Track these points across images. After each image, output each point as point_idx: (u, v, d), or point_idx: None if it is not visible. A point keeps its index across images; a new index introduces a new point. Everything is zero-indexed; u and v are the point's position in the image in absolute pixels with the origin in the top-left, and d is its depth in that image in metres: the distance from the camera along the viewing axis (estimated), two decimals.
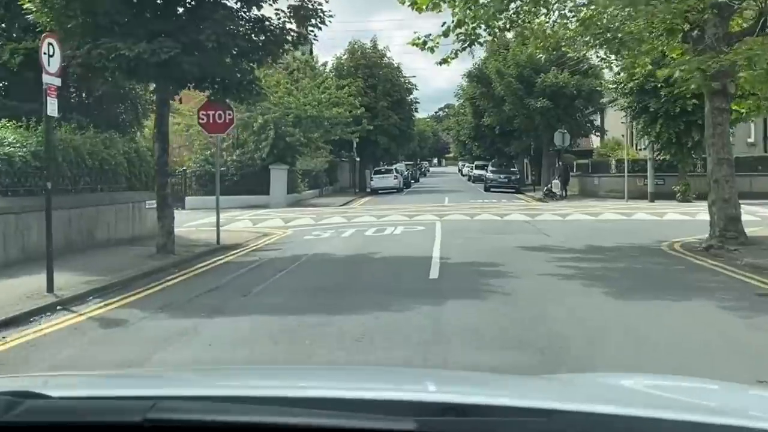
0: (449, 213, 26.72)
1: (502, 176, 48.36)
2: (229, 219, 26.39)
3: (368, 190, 51.53)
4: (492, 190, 48.11)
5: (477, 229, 20.97)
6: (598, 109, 41.91)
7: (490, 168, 50.37)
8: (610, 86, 34.97)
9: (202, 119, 18.63)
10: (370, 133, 49.96)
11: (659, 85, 31.09)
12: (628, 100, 33.16)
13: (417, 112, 55.53)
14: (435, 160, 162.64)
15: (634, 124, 34.15)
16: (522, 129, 41.50)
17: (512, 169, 49.96)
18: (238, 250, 17.21)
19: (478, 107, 52.11)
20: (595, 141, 51.23)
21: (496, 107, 43.07)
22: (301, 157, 43.69)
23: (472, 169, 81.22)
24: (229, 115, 18.61)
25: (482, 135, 59.54)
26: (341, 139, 46.71)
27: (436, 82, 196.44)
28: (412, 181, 67.37)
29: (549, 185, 39.71)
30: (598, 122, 42.80)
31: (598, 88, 39.36)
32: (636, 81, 31.77)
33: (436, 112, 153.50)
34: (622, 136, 42.34)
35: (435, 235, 18.79)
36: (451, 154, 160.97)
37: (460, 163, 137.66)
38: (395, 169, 53.74)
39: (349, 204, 38.78)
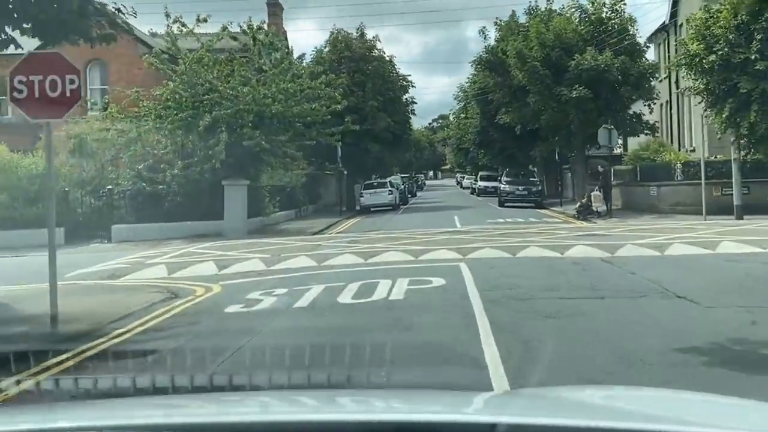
0: (473, 245, 17.66)
1: (520, 188, 39.45)
2: (139, 262, 17.45)
3: (358, 208, 42.61)
4: (508, 204, 39.25)
5: (539, 282, 11.87)
6: (650, 99, 32.90)
7: (504, 178, 41.41)
8: (676, 64, 26.08)
9: (18, 91, 9.66)
10: (359, 138, 41.05)
11: (754, 57, 22.22)
12: (704, 81, 24.32)
13: (414, 114, 46.74)
14: (431, 173, 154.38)
15: (709, 113, 25.22)
16: (550, 127, 32.39)
17: (532, 179, 41.03)
18: (67, 355, 8.17)
19: (488, 105, 43.32)
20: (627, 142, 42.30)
21: (516, 101, 34.13)
22: (269, 170, 34.81)
23: (475, 180, 72.41)
24: (72, 82, 9.66)
25: (490, 141, 50.74)
26: (323, 147, 37.77)
27: (428, 94, 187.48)
28: (409, 196, 58.44)
29: (584, 199, 30.82)
30: (647, 116, 33.72)
31: (650, 73, 30.49)
32: (719, 52, 22.96)
33: (429, 123, 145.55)
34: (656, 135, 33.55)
35: (471, 304, 9.91)
36: (447, 166, 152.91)
37: (458, 175, 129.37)
38: (389, 182, 44.77)
39: (331, 229, 29.85)
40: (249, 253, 18.25)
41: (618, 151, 44.89)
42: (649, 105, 33.41)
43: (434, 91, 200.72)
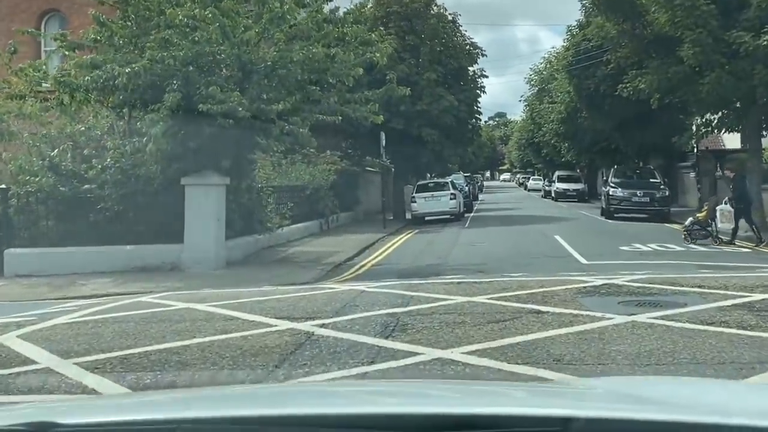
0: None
1: (639, 193, 27.93)
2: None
3: (408, 217, 31.62)
4: (619, 216, 27.84)
5: None
6: None
7: (613, 180, 29.89)
8: None
9: None
10: (410, 123, 30.02)
11: None
12: None
13: (484, 93, 35.44)
14: (487, 173, 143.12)
15: None
16: (713, 98, 20.49)
17: (653, 180, 29.38)
18: None
19: (589, 78, 31.98)
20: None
21: (654, 58, 22.41)
22: (279, 162, 23.99)
23: (549, 182, 60.89)
24: None
25: (578, 131, 39.27)
26: (362, 133, 26.87)
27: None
28: (474, 201, 47.24)
29: (703, 212, 19.79)
30: None
31: None
32: None
33: (485, 122, 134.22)
34: None
35: None
36: (506, 166, 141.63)
37: (518, 176, 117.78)
38: (451, 182, 33.53)
39: (365, 256, 18.90)
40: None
41: (693, 143, 33.20)
42: None
43: (487, 87, 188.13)
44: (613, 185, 29.15)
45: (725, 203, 19.87)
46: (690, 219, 19.88)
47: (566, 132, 42.11)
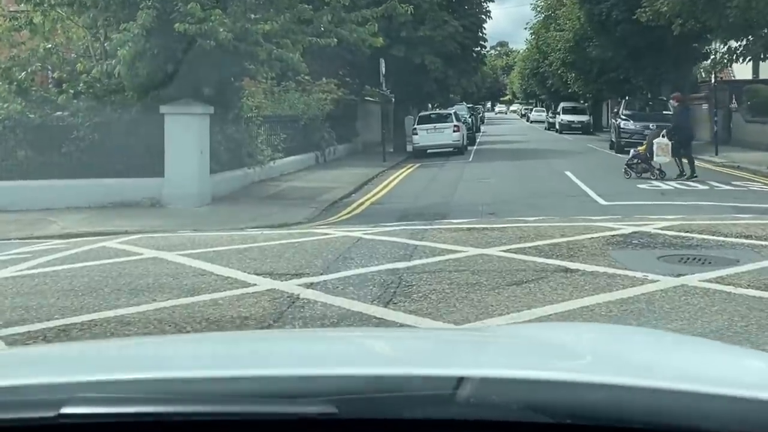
0: None
1: (651, 126, 26.21)
2: None
3: (409, 150, 30.16)
4: (630, 148, 26.32)
5: None
6: None
7: (624, 112, 28.31)
8: None
9: None
10: (413, 50, 28.30)
11: None
12: None
13: (490, 17, 33.49)
14: (488, 104, 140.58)
15: None
16: (744, 18, 18.59)
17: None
18: None
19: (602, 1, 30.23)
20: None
21: None
22: (271, 91, 22.57)
23: (552, 114, 59.37)
24: None
25: (586, 61, 37.53)
26: (361, 60, 25.23)
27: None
28: (476, 134, 45.67)
29: (643, 146, 18.67)
30: None
31: None
32: None
33: (488, 51, 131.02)
34: None
35: None
36: (507, 97, 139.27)
37: (519, 107, 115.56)
38: (455, 114, 31.85)
39: (364, 192, 17.58)
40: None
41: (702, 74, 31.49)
42: None
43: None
44: (624, 117, 27.57)
45: (663, 136, 18.25)
46: (632, 151, 18.70)
47: (574, 61, 40.26)
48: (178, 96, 14.40)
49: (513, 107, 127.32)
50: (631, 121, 27.05)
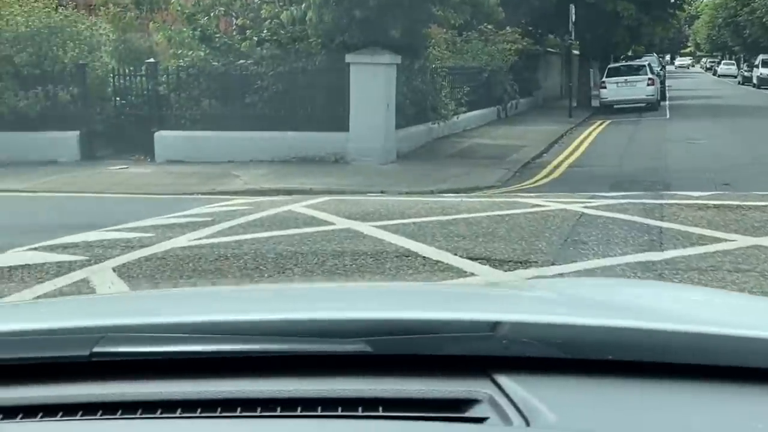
0: None
1: None
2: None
3: (595, 105, 27.93)
4: None
5: None
6: None
7: None
8: None
9: None
10: None
11: None
12: None
13: None
14: (668, 57, 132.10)
15: None
16: None
17: None
18: None
19: None
20: None
21: None
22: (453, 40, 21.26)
23: (751, 68, 54.14)
24: None
25: None
26: (545, 4, 23.32)
27: None
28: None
29: None
30: None
31: None
32: None
33: None
34: None
35: None
36: (688, 49, 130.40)
37: (704, 60, 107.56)
38: (648, 65, 29.11)
39: (553, 151, 16.00)
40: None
41: None
42: None
43: None
44: None
45: None
46: None
47: None
48: (365, 44, 13.34)
49: (682, 60, 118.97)
50: None
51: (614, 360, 1.25)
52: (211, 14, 14.71)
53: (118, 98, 15.05)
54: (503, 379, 1.21)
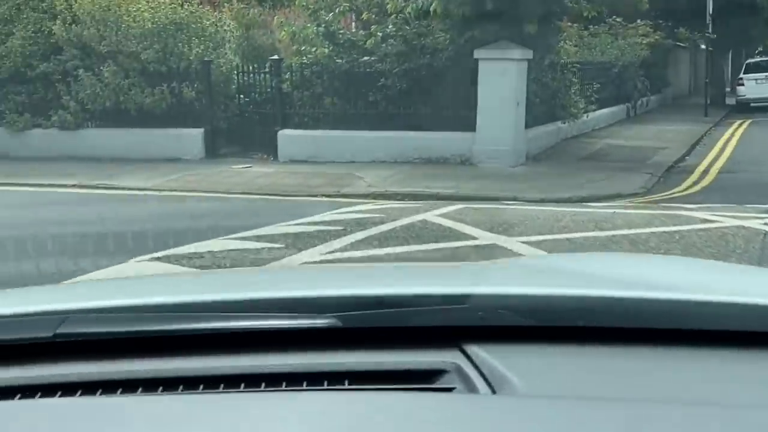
0: None
1: None
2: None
3: (730, 103, 26.16)
4: None
5: None
6: None
7: None
8: None
9: None
10: None
11: None
12: None
13: None
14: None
15: None
16: None
17: None
18: None
19: None
20: None
21: None
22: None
23: None
24: None
25: None
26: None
27: None
28: None
29: None
30: None
31: None
32: None
33: None
34: None
35: None
36: None
37: None
38: None
39: (696, 154, 14.82)
40: None
41: None
42: None
43: None
44: None
45: None
46: None
47: None
48: (496, 38, 12.58)
49: None
50: None
51: (585, 326, 1.25)
52: (336, 10, 14.26)
53: (241, 96, 14.82)
54: (473, 349, 1.21)
